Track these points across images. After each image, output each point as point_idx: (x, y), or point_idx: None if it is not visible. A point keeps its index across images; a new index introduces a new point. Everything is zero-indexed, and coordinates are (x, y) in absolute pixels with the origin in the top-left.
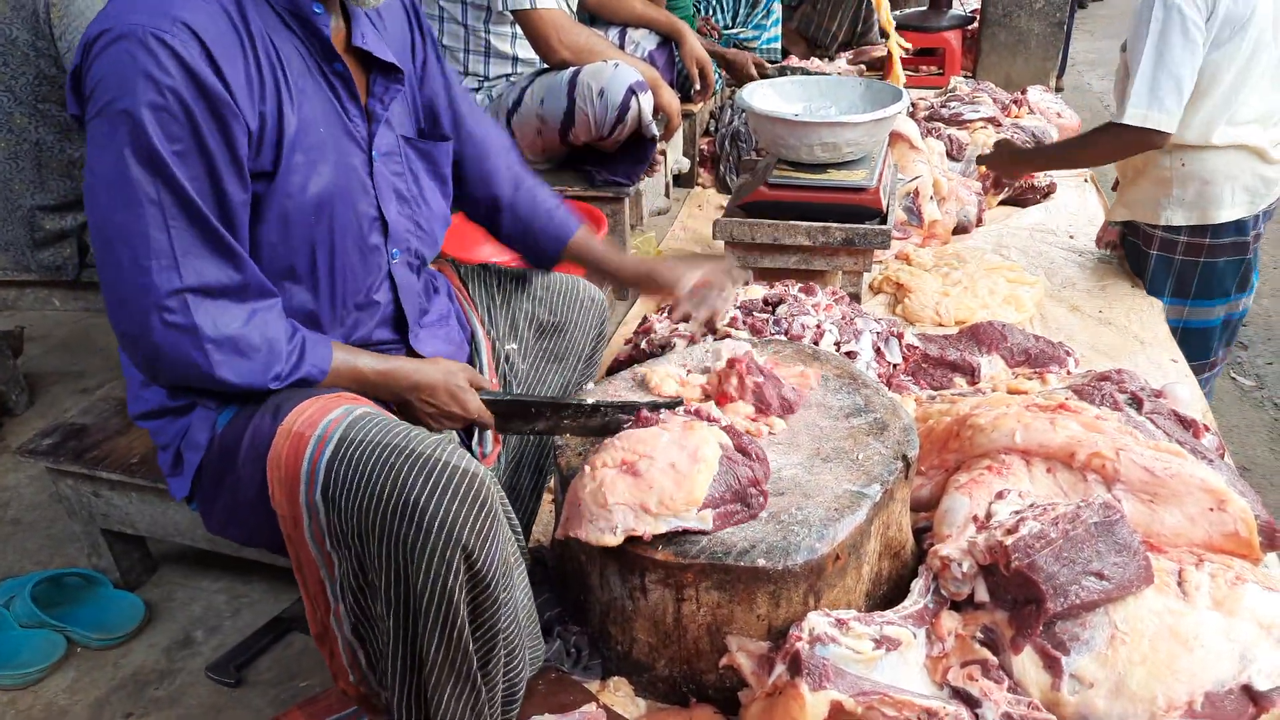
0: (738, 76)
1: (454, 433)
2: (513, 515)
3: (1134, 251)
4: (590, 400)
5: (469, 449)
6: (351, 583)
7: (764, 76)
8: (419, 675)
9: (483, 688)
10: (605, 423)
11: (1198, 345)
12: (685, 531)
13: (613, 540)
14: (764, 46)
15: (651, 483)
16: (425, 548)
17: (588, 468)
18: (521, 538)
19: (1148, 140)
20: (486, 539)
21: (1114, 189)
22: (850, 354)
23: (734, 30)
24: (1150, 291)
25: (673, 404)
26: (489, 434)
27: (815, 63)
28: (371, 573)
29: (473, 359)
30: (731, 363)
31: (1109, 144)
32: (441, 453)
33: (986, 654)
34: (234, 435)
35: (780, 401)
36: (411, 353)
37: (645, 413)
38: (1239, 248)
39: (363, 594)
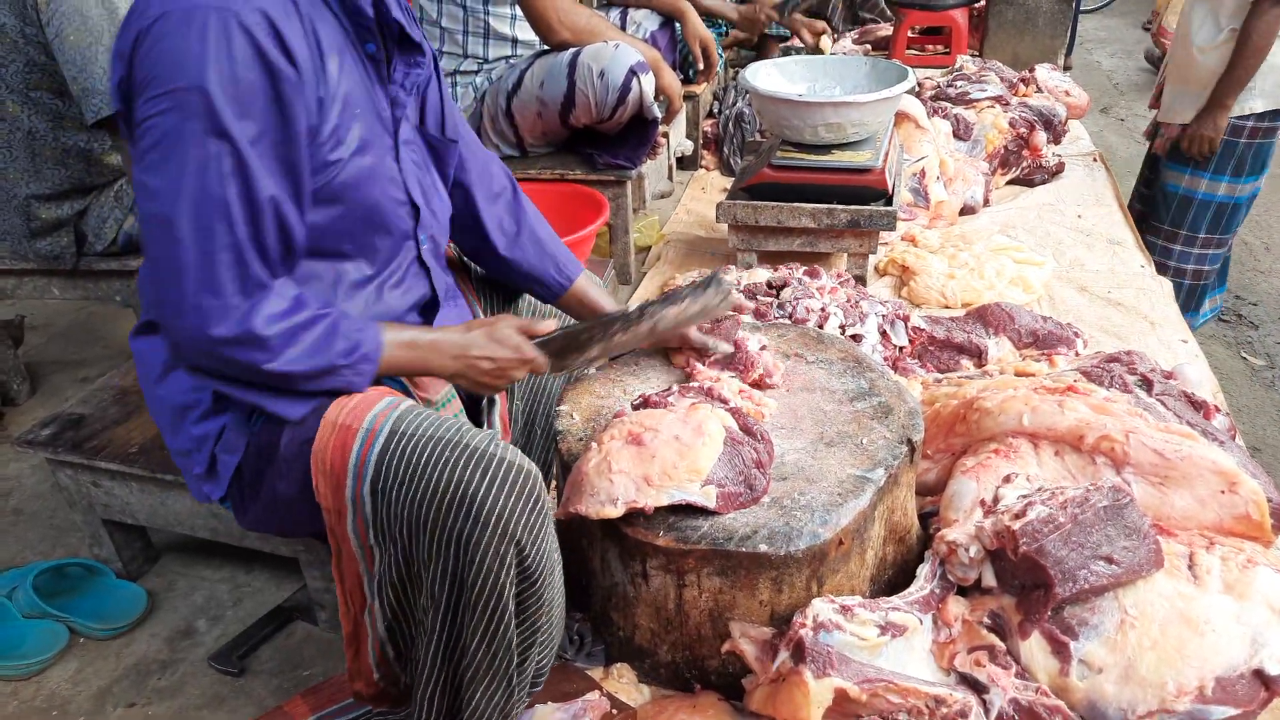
0: (752, 28)
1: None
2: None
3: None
4: (633, 307)
5: None
6: (393, 577)
7: (780, 24)
8: (454, 671)
9: (516, 686)
10: (654, 323)
11: (1231, 218)
12: (687, 507)
13: (613, 511)
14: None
15: (655, 453)
16: (481, 541)
17: (594, 444)
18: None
19: None
20: (538, 534)
21: (1153, 105)
22: (855, 337)
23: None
24: (1214, 173)
25: (711, 280)
26: (497, 422)
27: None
28: (418, 565)
29: None
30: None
31: (1271, 23)
32: (495, 447)
33: (994, 639)
34: (272, 431)
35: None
36: None
37: (685, 302)
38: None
39: (404, 588)
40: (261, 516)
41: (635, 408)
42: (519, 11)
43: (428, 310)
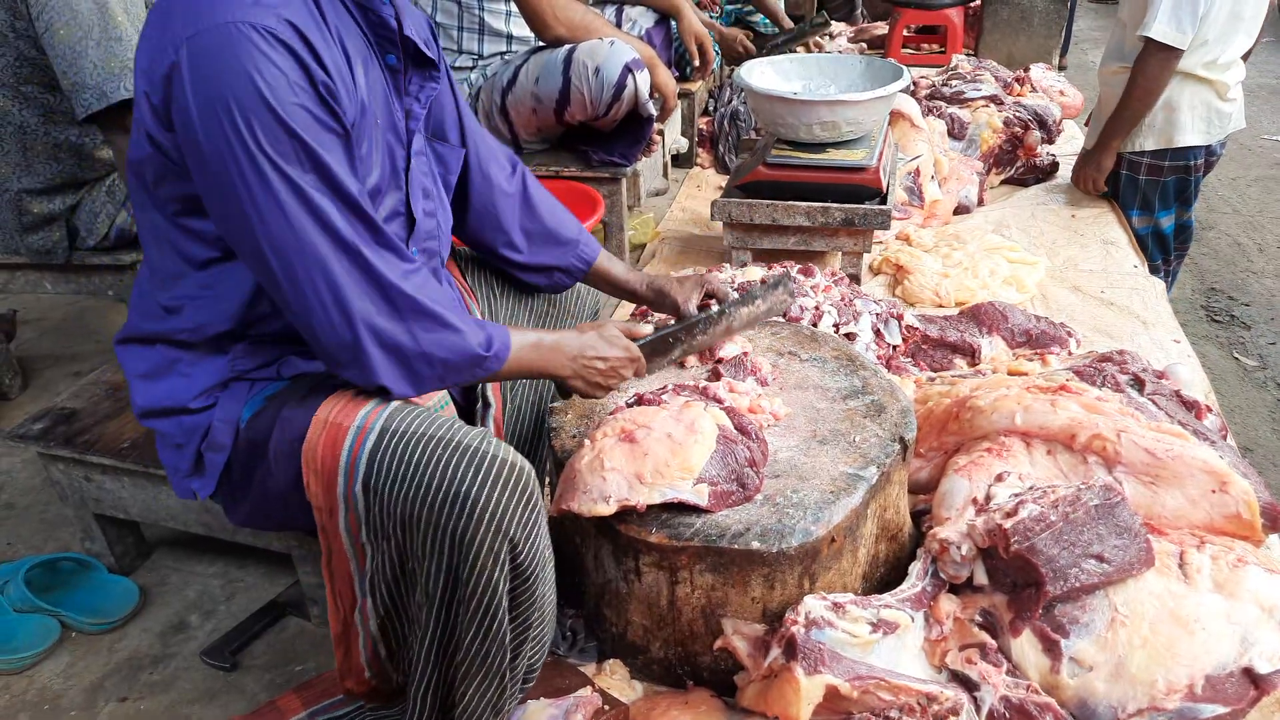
0: (729, 55)
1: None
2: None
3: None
4: (714, 309)
5: None
6: (386, 574)
7: (751, 55)
8: (448, 667)
9: (509, 682)
10: (730, 323)
11: (1159, 247)
12: (680, 504)
13: (605, 509)
14: (765, 21)
15: (647, 450)
16: (475, 538)
17: (587, 441)
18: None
19: (1175, 59)
20: (531, 530)
21: (1086, 124)
22: (849, 335)
23: (735, 4)
24: (1125, 207)
25: (780, 280)
26: (490, 424)
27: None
28: (413, 562)
29: None
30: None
31: (1156, 68)
32: (487, 445)
33: (985, 637)
34: (262, 428)
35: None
36: None
37: (756, 301)
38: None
39: (398, 585)
40: (253, 513)
41: (629, 405)
42: (514, 7)
43: None
